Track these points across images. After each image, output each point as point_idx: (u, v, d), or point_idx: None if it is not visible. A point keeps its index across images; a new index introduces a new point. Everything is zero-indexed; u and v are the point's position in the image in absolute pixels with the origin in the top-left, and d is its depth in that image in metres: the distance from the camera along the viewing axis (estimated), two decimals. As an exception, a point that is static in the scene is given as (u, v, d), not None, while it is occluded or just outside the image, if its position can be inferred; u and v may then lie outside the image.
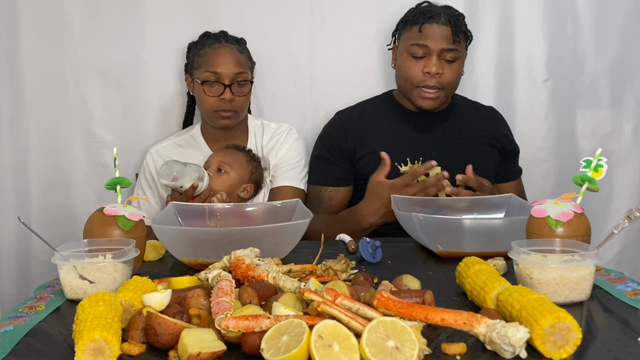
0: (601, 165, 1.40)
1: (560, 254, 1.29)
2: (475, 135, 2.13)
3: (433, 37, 1.99)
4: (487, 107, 2.23)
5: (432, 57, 1.99)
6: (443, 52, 1.99)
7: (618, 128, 2.40)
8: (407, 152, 2.05)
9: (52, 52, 2.24)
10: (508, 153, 2.17)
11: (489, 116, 2.19)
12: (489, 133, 2.14)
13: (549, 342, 1.01)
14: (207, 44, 2.07)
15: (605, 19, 2.34)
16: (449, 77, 2.01)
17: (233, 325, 1.03)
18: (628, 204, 2.37)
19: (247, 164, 2.05)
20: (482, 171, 2.06)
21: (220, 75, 2.02)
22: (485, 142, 2.13)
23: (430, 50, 1.99)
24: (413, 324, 1.02)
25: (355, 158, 2.11)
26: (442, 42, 1.99)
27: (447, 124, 2.12)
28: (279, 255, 1.54)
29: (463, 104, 2.20)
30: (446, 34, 1.99)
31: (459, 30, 2.00)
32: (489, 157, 2.13)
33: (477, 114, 2.18)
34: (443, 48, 1.99)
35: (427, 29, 2.00)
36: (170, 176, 1.85)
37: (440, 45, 1.99)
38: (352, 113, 2.18)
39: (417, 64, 2.02)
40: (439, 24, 1.99)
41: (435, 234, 1.61)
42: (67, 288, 1.32)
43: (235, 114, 2.06)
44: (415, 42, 2.02)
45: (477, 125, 2.15)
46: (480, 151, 2.11)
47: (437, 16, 2.01)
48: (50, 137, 2.28)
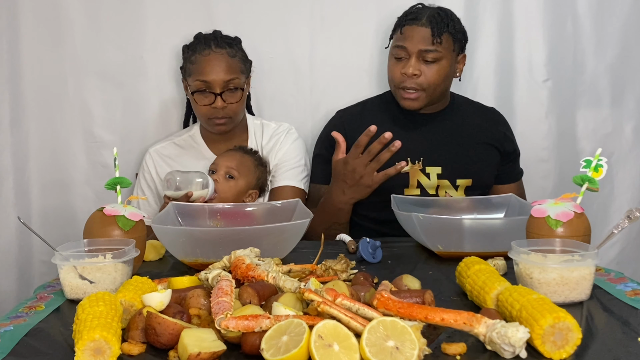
0: (601, 165, 1.40)
1: (560, 254, 1.29)
2: (475, 135, 2.12)
3: (411, 38, 2.00)
4: (488, 107, 2.23)
5: (410, 59, 2.00)
6: (422, 53, 1.99)
7: (618, 128, 2.40)
8: (407, 151, 2.05)
9: (52, 52, 2.24)
10: (508, 154, 2.17)
11: (489, 117, 2.19)
12: (489, 133, 2.14)
13: (549, 342, 1.01)
14: (198, 50, 2.04)
15: (605, 19, 2.34)
16: (429, 78, 2.00)
17: (233, 325, 1.03)
18: (628, 204, 2.37)
19: (255, 169, 2.04)
20: (481, 171, 2.06)
21: (211, 84, 2.00)
22: (485, 142, 2.13)
23: (409, 51, 2.00)
24: (413, 324, 1.02)
25: None
26: (420, 43, 1.98)
27: (447, 124, 2.12)
28: (279, 255, 1.54)
29: (463, 103, 2.20)
30: (425, 35, 1.98)
31: (440, 31, 1.98)
32: (489, 157, 2.13)
33: (477, 114, 2.18)
34: (421, 49, 1.98)
35: (407, 30, 2.01)
36: (173, 187, 1.85)
37: (418, 46, 1.98)
38: (352, 112, 2.18)
39: (397, 65, 2.03)
40: (418, 25, 2.00)
41: (435, 234, 1.61)
42: (67, 288, 1.32)
43: (229, 119, 2.05)
44: (396, 44, 2.04)
45: (477, 125, 2.15)
46: (480, 151, 2.11)
47: (418, 17, 2.01)
48: (50, 137, 2.28)
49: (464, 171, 2.07)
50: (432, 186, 2.05)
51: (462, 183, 2.06)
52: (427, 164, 2.06)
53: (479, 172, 2.06)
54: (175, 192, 1.86)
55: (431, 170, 2.05)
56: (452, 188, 2.06)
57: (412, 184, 2.05)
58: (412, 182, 2.05)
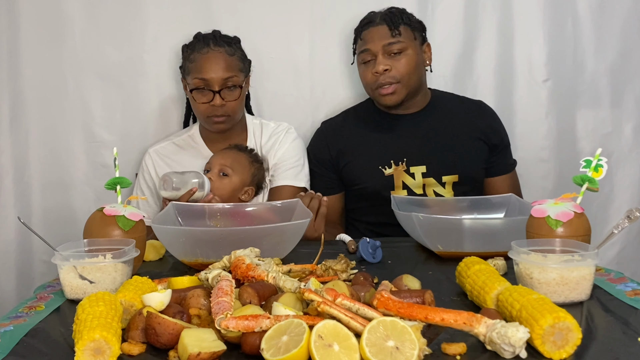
0: (601, 165, 1.40)
1: (560, 254, 1.29)
2: (459, 130, 2.13)
3: (372, 39, 2.06)
4: (474, 100, 2.23)
5: (377, 57, 2.04)
6: (385, 48, 2.04)
7: (618, 128, 2.40)
8: (390, 155, 2.08)
9: (52, 52, 2.24)
10: (496, 146, 2.16)
11: (473, 109, 2.19)
12: (474, 126, 2.14)
13: (549, 342, 1.01)
14: (197, 49, 2.05)
15: (605, 19, 2.34)
16: (400, 69, 2.04)
17: (233, 325, 1.03)
18: (628, 204, 2.37)
19: (250, 166, 2.04)
20: (469, 165, 2.07)
21: (209, 82, 2.01)
22: (470, 136, 2.13)
23: (373, 51, 2.05)
24: (413, 324, 1.02)
25: (340, 166, 2.15)
26: (381, 39, 2.04)
27: (428, 122, 2.13)
28: (279, 255, 1.54)
29: (444, 99, 2.20)
30: (383, 31, 2.04)
31: (397, 24, 2.04)
32: (475, 151, 2.12)
33: (460, 108, 2.18)
34: (384, 44, 2.03)
35: (366, 35, 2.08)
36: (170, 187, 1.85)
37: (380, 43, 2.04)
38: (334, 123, 2.22)
39: (367, 69, 2.08)
40: (374, 26, 2.06)
41: (435, 234, 1.61)
42: (67, 288, 1.32)
43: (228, 118, 2.06)
44: (360, 50, 2.09)
45: (461, 119, 2.15)
46: (466, 146, 2.11)
47: (372, 20, 2.08)
48: (50, 137, 2.28)
49: (449, 167, 2.08)
50: (418, 185, 2.07)
51: (449, 179, 2.07)
52: (410, 164, 2.08)
53: (465, 167, 2.06)
54: (171, 193, 1.86)
55: (415, 170, 2.07)
56: (438, 185, 2.06)
57: (398, 185, 2.07)
58: (397, 183, 2.07)
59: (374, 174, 2.08)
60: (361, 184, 2.11)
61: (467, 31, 2.32)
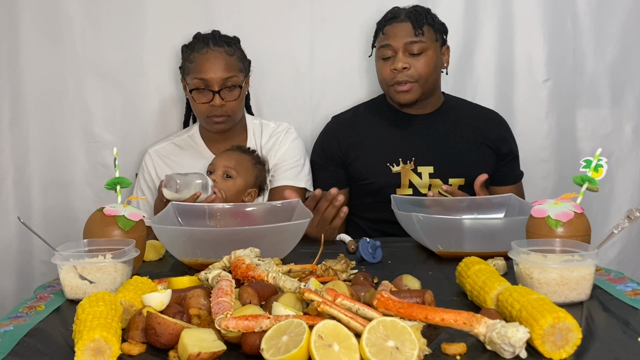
0: (601, 165, 1.40)
1: (560, 254, 1.29)
2: (469, 136, 2.13)
3: (394, 35, 2.05)
4: (486, 109, 2.23)
5: (397, 54, 2.04)
6: (407, 46, 2.03)
7: (618, 128, 2.40)
8: (398, 152, 2.08)
9: (52, 52, 2.24)
10: (504, 155, 2.17)
11: (485, 117, 2.19)
12: (485, 134, 2.14)
13: (549, 342, 1.01)
14: (196, 49, 2.05)
15: (605, 19, 2.34)
16: (419, 69, 2.03)
17: (233, 325, 1.03)
18: (628, 204, 2.37)
19: (253, 168, 2.04)
20: (474, 170, 2.07)
21: (209, 82, 2.00)
22: (479, 142, 2.13)
23: (394, 48, 2.04)
24: (413, 324, 1.02)
25: (348, 161, 2.14)
26: (404, 37, 2.03)
27: (439, 124, 2.13)
28: (279, 255, 1.54)
29: (458, 104, 2.21)
30: (406, 29, 2.04)
31: (420, 23, 2.04)
32: (483, 157, 2.13)
33: (472, 115, 2.18)
34: (406, 42, 2.03)
35: (389, 30, 2.07)
36: (174, 189, 1.85)
37: (402, 40, 2.03)
38: (345, 117, 2.21)
39: (386, 64, 2.07)
40: (398, 23, 2.06)
41: (435, 234, 1.61)
42: (67, 288, 1.32)
43: (228, 118, 2.06)
44: (381, 45, 2.08)
45: (472, 125, 2.15)
46: (474, 151, 2.12)
47: (397, 16, 2.07)
48: (50, 137, 2.27)
49: (457, 170, 2.08)
50: (424, 185, 2.07)
51: (455, 182, 2.07)
52: (418, 164, 2.08)
53: (472, 171, 2.06)
54: (175, 195, 1.86)
55: (423, 169, 2.07)
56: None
57: (404, 183, 2.07)
58: (403, 181, 2.07)
59: (382, 171, 2.08)
60: (368, 179, 2.11)
61: (467, 31, 2.32)
